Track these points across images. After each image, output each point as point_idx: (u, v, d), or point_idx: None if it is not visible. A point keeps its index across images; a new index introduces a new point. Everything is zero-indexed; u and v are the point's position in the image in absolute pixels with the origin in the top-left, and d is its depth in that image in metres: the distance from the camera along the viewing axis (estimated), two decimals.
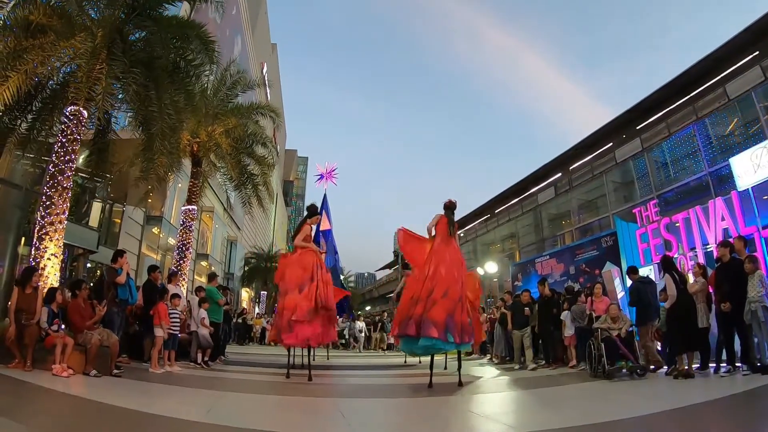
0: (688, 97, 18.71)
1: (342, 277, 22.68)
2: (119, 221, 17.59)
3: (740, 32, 15.99)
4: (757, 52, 15.78)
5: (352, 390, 7.25)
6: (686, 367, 6.75)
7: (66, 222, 8.60)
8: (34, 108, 9.82)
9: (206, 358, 8.95)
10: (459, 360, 7.23)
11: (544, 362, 9.85)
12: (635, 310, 8.47)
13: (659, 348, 8.45)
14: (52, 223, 8.16)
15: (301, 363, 8.84)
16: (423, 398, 5.95)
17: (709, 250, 10.07)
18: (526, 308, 10.19)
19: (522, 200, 30.80)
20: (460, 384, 6.57)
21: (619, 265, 12.15)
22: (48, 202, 8.23)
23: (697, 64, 17.79)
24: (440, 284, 6.21)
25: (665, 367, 7.73)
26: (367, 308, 62.39)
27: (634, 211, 13.30)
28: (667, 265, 7.46)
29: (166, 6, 9.68)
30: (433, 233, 6.85)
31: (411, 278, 6.90)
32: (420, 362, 10.65)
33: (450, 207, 7.04)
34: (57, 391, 5.13)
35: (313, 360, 7.80)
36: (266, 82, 28.42)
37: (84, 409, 4.51)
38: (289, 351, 7.72)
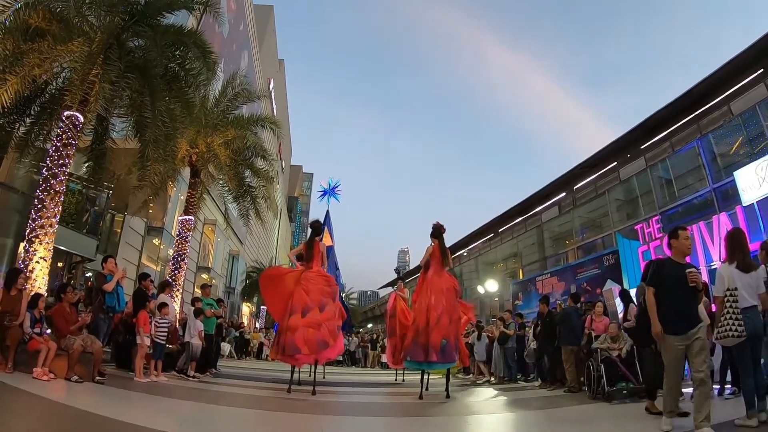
0: (693, 115, 18.59)
1: (344, 295, 22.56)
2: (120, 231, 17.52)
3: (744, 50, 15.89)
4: (762, 70, 15.69)
5: (339, 407, 7.00)
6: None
7: (57, 226, 8.55)
8: (32, 112, 9.88)
9: (192, 372, 8.74)
10: (447, 376, 7.70)
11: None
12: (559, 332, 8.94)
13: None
14: (42, 227, 8.14)
15: (304, 377, 8.73)
16: (414, 418, 5.76)
17: (713, 267, 9.81)
18: (691, 270, 4.49)
19: (526, 219, 30.63)
20: (448, 396, 7.18)
21: (620, 283, 11.90)
22: (40, 206, 8.22)
23: (701, 83, 17.67)
24: (434, 312, 6.91)
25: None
26: (369, 326, 61.83)
27: (636, 227, 13.11)
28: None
29: (165, 14, 9.72)
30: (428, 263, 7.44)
31: (414, 310, 7.45)
32: (403, 381, 10.83)
33: (440, 232, 7.48)
34: (33, 394, 5.04)
35: (323, 378, 8.19)
36: (272, 96, 28.59)
37: (54, 413, 4.41)
38: (292, 367, 7.54)
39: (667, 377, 4.40)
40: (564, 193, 27.40)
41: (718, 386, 6.92)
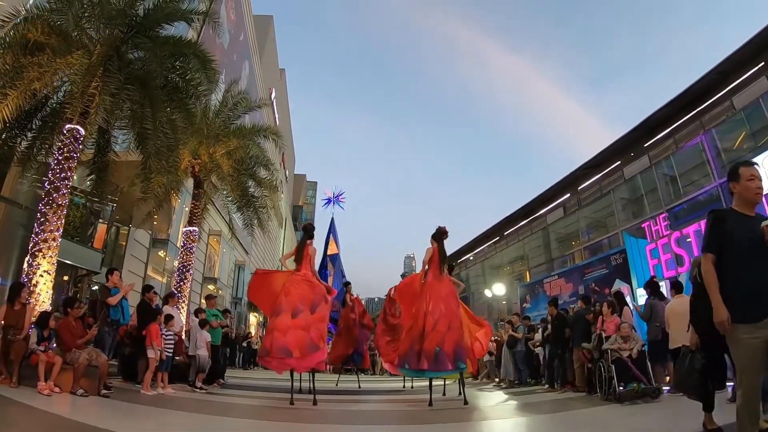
0: (695, 111, 18.53)
1: None
2: (125, 243, 17.53)
3: (744, 44, 15.92)
4: (763, 63, 15.65)
5: (347, 416, 6.85)
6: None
7: (61, 240, 8.53)
8: (34, 126, 9.89)
9: (200, 383, 8.67)
10: (462, 381, 7.48)
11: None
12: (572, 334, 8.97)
13: None
14: (45, 240, 8.13)
15: (309, 387, 8.53)
16: (424, 425, 5.67)
17: None
18: None
19: (531, 222, 30.55)
20: (466, 402, 6.95)
21: (629, 282, 11.77)
22: (42, 219, 8.21)
23: (703, 79, 17.66)
24: (431, 318, 6.75)
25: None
26: None
27: (643, 225, 13.00)
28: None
29: (164, 26, 9.75)
30: (426, 267, 7.31)
31: (411, 314, 7.24)
32: (412, 387, 10.95)
33: (441, 236, 7.35)
34: (37, 408, 5.00)
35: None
36: (274, 106, 28.65)
37: (59, 427, 4.35)
38: (292, 375, 7.20)
39: (742, 388, 2.82)
40: (568, 194, 27.33)
41: (732, 383, 6.79)
